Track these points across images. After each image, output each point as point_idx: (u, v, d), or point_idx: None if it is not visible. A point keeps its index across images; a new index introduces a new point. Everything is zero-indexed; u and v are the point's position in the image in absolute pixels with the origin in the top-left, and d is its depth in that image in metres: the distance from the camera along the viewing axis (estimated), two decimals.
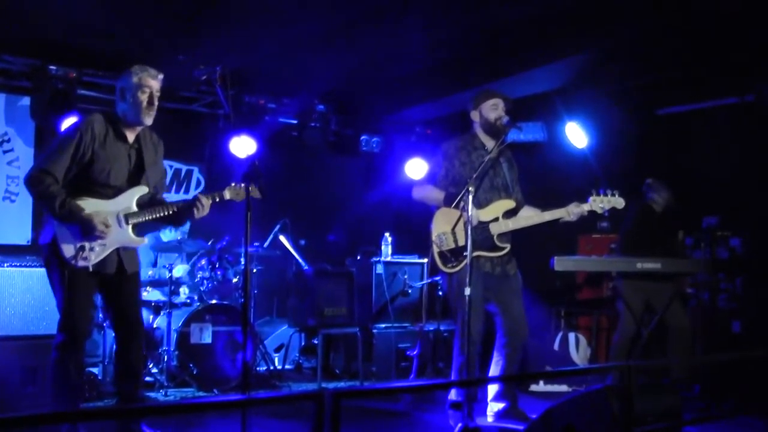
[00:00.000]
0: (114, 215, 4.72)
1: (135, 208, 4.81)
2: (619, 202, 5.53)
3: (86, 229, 4.60)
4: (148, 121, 4.81)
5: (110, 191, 4.74)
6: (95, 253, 4.66)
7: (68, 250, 4.61)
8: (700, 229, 8.02)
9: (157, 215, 4.87)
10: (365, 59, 7.70)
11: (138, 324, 5.00)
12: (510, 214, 5.65)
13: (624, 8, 6.36)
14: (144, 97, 4.72)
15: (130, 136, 4.83)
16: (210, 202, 4.92)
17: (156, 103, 4.79)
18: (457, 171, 5.66)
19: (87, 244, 4.62)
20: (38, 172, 4.59)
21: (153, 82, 4.76)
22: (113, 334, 5.17)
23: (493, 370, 5.69)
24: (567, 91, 8.16)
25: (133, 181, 4.84)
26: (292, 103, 9.04)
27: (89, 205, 4.64)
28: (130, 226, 4.78)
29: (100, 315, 6.81)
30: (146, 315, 7.06)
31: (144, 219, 4.83)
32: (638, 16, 6.47)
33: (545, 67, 7.51)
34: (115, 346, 5.08)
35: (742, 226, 7.83)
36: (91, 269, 4.65)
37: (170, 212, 4.91)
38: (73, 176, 4.66)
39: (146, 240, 4.99)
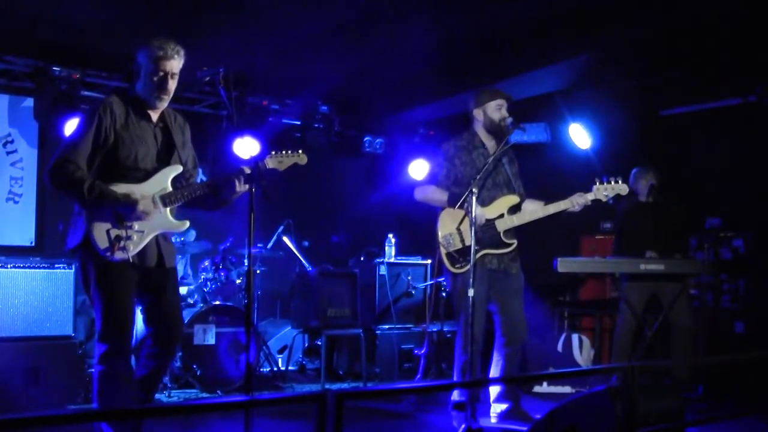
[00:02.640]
0: (149, 198, 4.29)
1: (171, 189, 4.37)
2: (622, 189, 5.52)
3: (123, 212, 4.17)
4: (159, 105, 4.41)
5: (141, 174, 4.31)
6: (133, 243, 4.20)
7: (102, 242, 4.16)
8: (703, 229, 8.03)
9: (196, 193, 4.42)
10: (368, 60, 7.70)
11: (179, 331, 4.52)
12: (514, 209, 5.66)
13: (626, 9, 6.36)
14: (156, 80, 4.32)
15: (154, 115, 4.45)
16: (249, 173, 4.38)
17: (169, 86, 4.37)
18: (458, 170, 5.67)
19: (123, 233, 4.16)
20: (59, 161, 4.16)
21: (168, 64, 4.32)
22: (146, 337, 4.53)
23: (493, 371, 5.70)
24: (570, 92, 8.17)
25: (164, 161, 4.42)
26: (295, 104, 9.04)
27: (121, 191, 4.22)
28: (168, 209, 4.35)
29: None
30: None
31: (182, 199, 4.39)
32: (641, 16, 6.47)
33: (548, 68, 7.51)
34: (143, 351, 4.50)
35: (745, 226, 7.84)
36: (131, 260, 4.19)
37: (210, 188, 4.46)
38: (99, 164, 4.24)
39: (188, 223, 4.47)
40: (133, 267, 4.27)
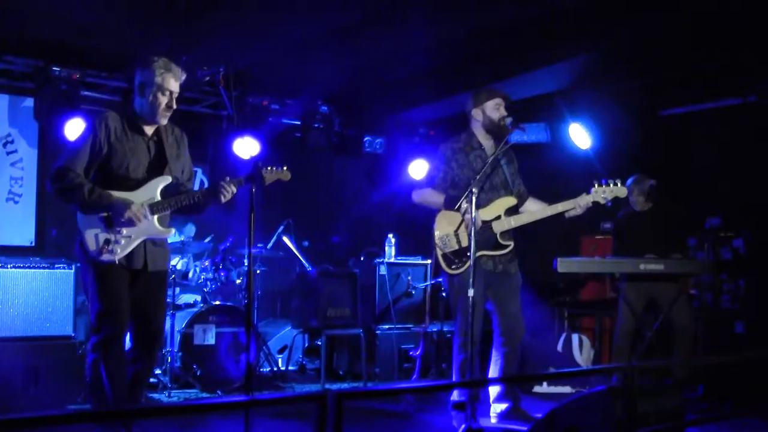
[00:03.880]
0: (140, 205, 4.60)
1: (159, 198, 4.68)
2: (621, 191, 5.50)
3: (117, 215, 4.50)
4: (164, 121, 4.74)
5: (132, 183, 4.63)
6: (121, 246, 4.54)
7: (92, 244, 4.52)
8: (703, 230, 8.02)
9: (182, 203, 4.72)
10: (368, 60, 7.70)
11: (158, 333, 4.81)
12: (512, 211, 5.64)
13: (626, 9, 6.36)
14: (163, 99, 4.65)
15: (149, 130, 4.75)
16: (234, 188, 4.72)
17: (174, 105, 4.71)
18: (455, 173, 5.65)
19: (112, 237, 4.52)
20: (59, 170, 4.52)
21: (174, 84, 4.68)
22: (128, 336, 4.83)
23: (492, 370, 5.69)
24: (570, 92, 8.16)
25: (155, 172, 4.72)
26: (295, 104, 9.04)
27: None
28: (155, 217, 4.65)
29: None
30: None
31: (168, 208, 4.69)
32: (641, 16, 6.46)
33: (548, 68, 7.50)
34: (127, 356, 4.73)
35: (745, 226, 7.82)
36: (117, 262, 4.54)
37: (195, 200, 4.74)
38: (94, 174, 4.59)
39: (173, 230, 4.85)
40: (124, 269, 4.62)
